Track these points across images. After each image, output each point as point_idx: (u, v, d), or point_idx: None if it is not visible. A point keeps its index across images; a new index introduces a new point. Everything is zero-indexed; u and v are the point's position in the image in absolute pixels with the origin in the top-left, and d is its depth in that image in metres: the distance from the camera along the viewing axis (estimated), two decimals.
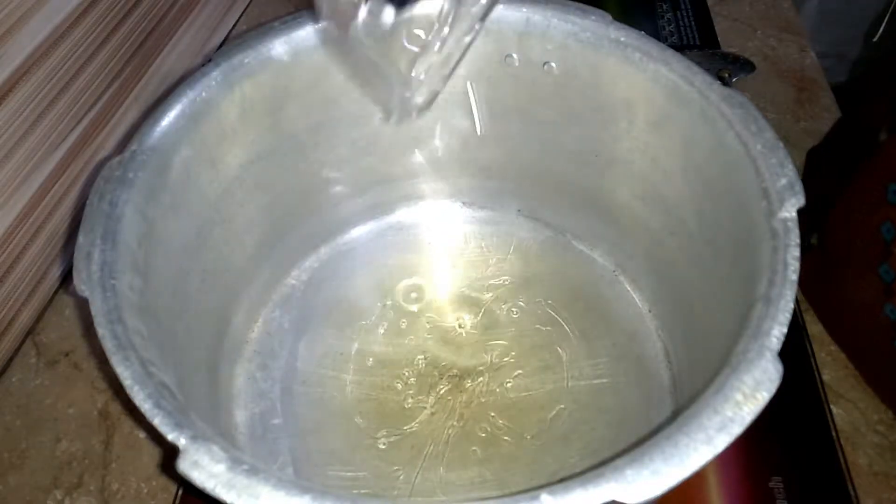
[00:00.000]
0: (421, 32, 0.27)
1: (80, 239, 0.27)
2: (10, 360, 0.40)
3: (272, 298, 0.40)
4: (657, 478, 0.20)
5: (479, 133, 0.39)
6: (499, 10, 0.35)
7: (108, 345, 0.24)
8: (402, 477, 0.34)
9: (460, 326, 0.39)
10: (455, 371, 0.38)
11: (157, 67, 0.49)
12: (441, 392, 0.37)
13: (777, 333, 0.23)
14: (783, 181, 0.26)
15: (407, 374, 0.38)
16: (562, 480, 0.20)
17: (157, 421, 0.22)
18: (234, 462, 0.21)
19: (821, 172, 0.43)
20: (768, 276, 0.24)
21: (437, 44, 0.27)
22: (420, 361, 0.38)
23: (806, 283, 0.39)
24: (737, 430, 0.21)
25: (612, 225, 0.39)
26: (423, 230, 0.44)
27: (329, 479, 0.34)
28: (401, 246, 0.43)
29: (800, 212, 0.26)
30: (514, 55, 0.36)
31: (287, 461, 0.34)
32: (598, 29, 0.33)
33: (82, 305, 0.42)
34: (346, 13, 0.27)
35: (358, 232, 0.44)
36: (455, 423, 0.36)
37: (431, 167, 0.43)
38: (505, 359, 0.38)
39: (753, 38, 0.58)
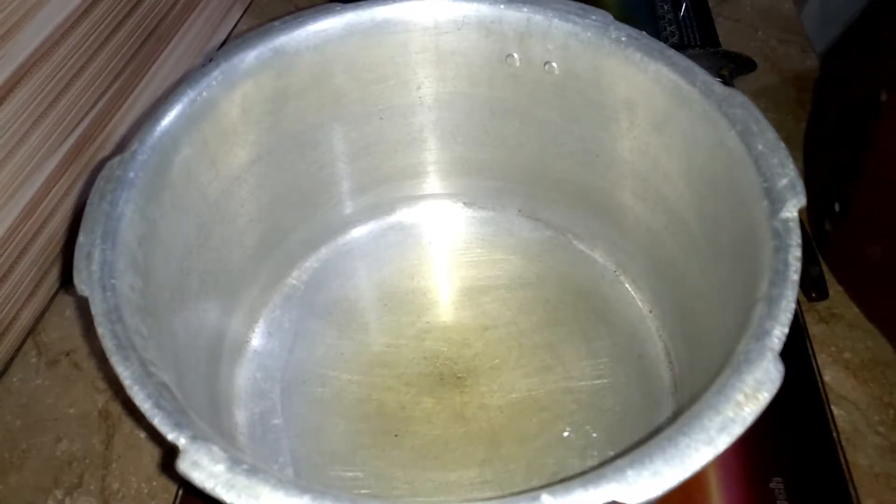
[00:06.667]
0: None
1: (81, 239, 0.27)
2: (11, 359, 0.40)
3: (272, 298, 0.40)
4: (658, 478, 0.20)
5: None
6: (500, 9, 0.35)
7: (108, 345, 0.24)
8: (402, 477, 0.34)
9: (460, 327, 0.39)
10: (455, 371, 0.37)
11: (158, 67, 0.49)
12: (441, 392, 0.37)
13: (778, 334, 0.23)
14: (784, 181, 0.26)
15: (407, 374, 0.37)
16: (562, 481, 0.20)
17: (157, 421, 0.22)
18: (234, 462, 0.21)
19: (825, 150, 0.43)
20: (769, 277, 0.24)
21: None
22: (420, 361, 0.38)
23: (829, 249, 0.40)
24: (738, 430, 0.21)
25: (612, 225, 0.39)
26: (423, 230, 0.44)
27: (329, 480, 0.34)
28: (401, 246, 0.43)
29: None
30: (515, 55, 0.36)
31: (287, 461, 0.34)
32: (599, 29, 0.33)
33: (83, 305, 0.42)
34: None
35: (358, 232, 0.44)
36: (455, 423, 0.36)
37: (432, 167, 0.43)
38: (505, 359, 0.38)
39: (755, 39, 0.58)
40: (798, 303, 0.38)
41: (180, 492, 0.35)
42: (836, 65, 0.49)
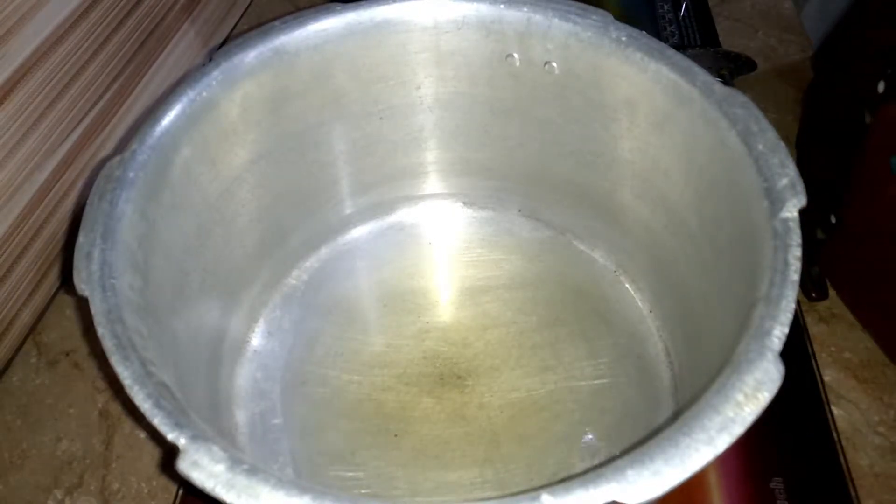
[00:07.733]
0: None
1: (80, 238, 0.27)
2: (11, 359, 0.40)
3: (273, 298, 0.40)
4: (658, 478, 0.20)
5: None
6: (500, 9, 0.35)
7: (108, 344, 0.24)
8: (402, 477, 0.34)
9: (460, 327, 0.39)
10: (455, 371, 0.37)
11: (158, 67, 0.49)
12: (441, 392, 0.37)
13: (778, 333, 0.23)
14: (784, 181, 0.26)
15: (407, 374, 0.37)
16: (562, 481, 0.20)
17: (157, 421, 0.22)
18: (234, 462, 0.21)
19: (817, 157, 0.44)
20: (769, 277, 0.24)
21: None
22: (420, 361, 0.38)
23: (822, 258, 0.40)
24: (738, 430, 0.21)
25: (612, 225, 0.39)
26: (423, 230, 0.44)
27: (329, 479, 0.34)
28: (401, 246, 0.43)
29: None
30: (515, 55, 0.36)
31: (287, 461, 0.34)
32: (600, 29, 0.33)
33: (83, 305, 0.42)
34: None
35: (358, 232, 0.44)
36: (455, 423, 0.36)
37: (432, 167, 0.43)
38: (505, 359, 0.38)
39: (755, 39, 0.58)
40: (798, 303, 0.38)
41: (180, 492, 0.35)
42: (823, 72, 0.49)
